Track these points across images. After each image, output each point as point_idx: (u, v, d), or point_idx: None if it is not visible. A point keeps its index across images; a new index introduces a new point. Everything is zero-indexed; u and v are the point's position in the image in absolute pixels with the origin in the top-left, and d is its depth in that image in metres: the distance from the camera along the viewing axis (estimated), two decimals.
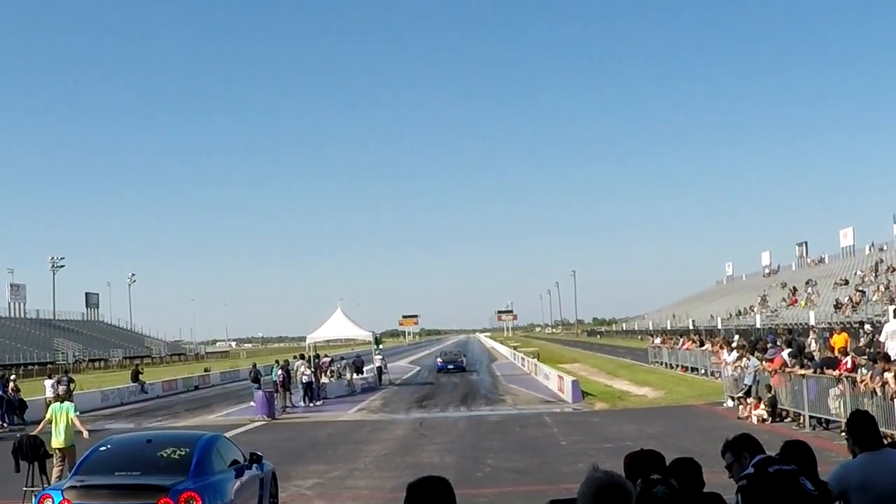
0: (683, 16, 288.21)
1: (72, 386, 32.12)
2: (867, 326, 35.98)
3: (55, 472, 13.99)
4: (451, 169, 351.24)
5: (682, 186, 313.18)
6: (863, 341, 31.50)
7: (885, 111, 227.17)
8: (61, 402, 15.61)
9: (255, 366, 37.81)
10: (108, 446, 10.50)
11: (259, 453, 11.68)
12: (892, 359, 16.65)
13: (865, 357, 18.08)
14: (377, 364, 44.78)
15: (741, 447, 5.15)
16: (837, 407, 17.74)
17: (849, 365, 17.96)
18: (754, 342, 28.26)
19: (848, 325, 44.06)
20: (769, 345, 24.68)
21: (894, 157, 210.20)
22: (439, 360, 57.68)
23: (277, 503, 12.61)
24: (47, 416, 15.40)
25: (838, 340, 27.77)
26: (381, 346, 50.76)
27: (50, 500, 9.25)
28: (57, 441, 14.70)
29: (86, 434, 14.91)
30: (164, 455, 9.98)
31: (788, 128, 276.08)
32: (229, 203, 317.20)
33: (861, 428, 5.60)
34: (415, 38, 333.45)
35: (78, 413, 15.65)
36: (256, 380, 34.39)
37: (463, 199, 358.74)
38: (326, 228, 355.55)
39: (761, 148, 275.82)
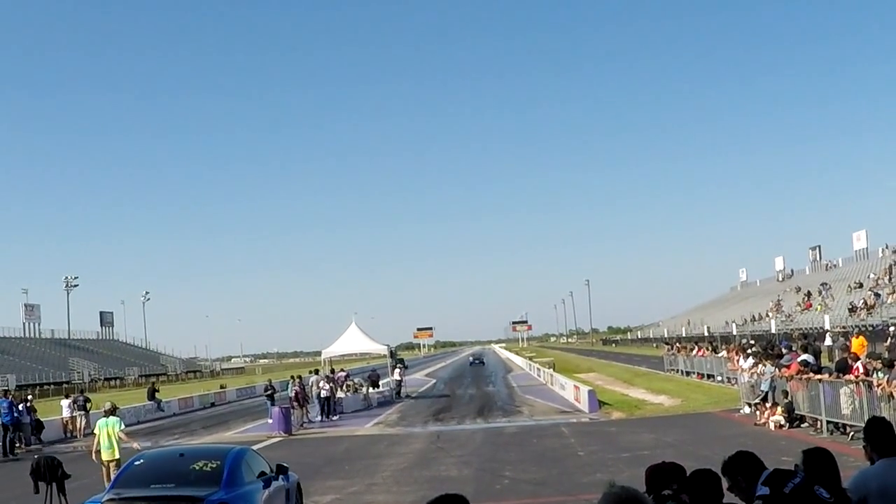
0: (693, 19, 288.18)
1: (88, 406, 32.28)
2: (892, 329, 35.66)
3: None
4: (463, 180, 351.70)
5: (694, 193, 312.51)
6: (888, 343, 31.33)
7: None
8: (107, 416, 16.13)
9: (270, 382, 37.87)
10: (143, 460, 10.98)
11: (285, 465, 12.08)
12: None
13: (879, 361, 17.97)
14: (396, 377, 44.83)
15: (734, 471, 5.02)
16: (849, 406, 17.67)
17: (860, 369, 17.89)
18: (769, 348, 28.11)
19: (869, 328, 43.81)
20: (784, 350, 24.56)
21: None
22: (470, 357, 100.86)
23: None
24: (96, 431, 15.95)
25: (856, 344, 27.69)
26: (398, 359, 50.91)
27: None
28: (105, 453, 15.48)
29: (136, 445, 15.65)
30: (197, 468, 10.42)
31: (800, 131, 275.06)
32: (242, 219, 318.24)
33: (879, 434, 5.59)
34: (428, 47, 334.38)
35: (123, 427, 16.29)
36: (271, 396, 34.35)
37: (475, 210, 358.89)
38: (339, 242, 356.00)
39: (773, 152, 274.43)
